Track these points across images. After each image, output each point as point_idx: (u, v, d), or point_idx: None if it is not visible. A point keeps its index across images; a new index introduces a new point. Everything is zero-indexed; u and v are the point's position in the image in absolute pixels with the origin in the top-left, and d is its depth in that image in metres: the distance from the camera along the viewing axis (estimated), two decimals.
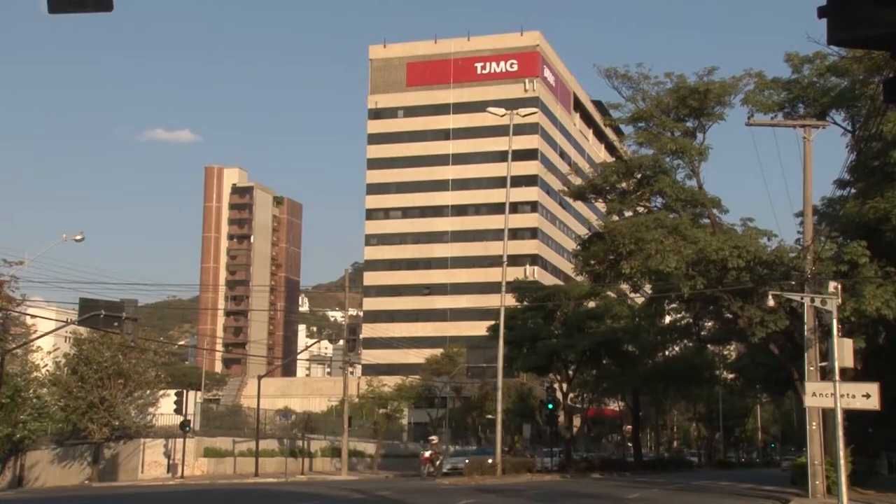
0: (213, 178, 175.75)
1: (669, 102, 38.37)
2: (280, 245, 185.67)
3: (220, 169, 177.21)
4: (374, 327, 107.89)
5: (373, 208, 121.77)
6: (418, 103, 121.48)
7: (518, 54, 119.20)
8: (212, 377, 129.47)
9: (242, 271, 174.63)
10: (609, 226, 39.17)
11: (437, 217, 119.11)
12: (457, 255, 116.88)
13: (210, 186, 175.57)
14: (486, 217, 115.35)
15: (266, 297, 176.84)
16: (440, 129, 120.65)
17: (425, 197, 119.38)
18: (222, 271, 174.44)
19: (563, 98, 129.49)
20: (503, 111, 45.35)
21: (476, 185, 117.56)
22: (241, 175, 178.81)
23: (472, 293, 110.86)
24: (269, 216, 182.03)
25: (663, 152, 38.00)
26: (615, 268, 38.03)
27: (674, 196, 37.68)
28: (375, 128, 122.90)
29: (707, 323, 49.08)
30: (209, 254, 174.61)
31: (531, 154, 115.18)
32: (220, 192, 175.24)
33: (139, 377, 42.01)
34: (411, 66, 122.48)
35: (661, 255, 33.78)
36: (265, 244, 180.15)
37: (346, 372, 51.94)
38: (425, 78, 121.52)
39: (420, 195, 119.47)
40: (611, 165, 42.31)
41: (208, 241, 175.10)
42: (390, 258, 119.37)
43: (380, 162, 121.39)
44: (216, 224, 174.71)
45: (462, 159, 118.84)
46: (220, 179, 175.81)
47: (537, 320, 56.57)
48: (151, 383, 42.98)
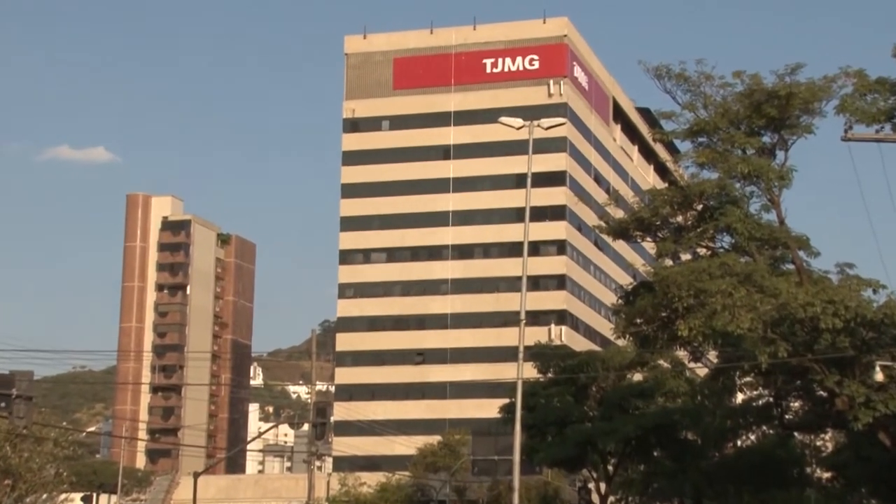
0: (136, 209, 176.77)
1: (740, 110, 38.70)
2: (226, 298, 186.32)
3: (147, 198, 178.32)
4: (349, 407, 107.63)
5: (349, 249, 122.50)
6: (409, 111, 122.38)
7: (540, 48, 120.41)
8: (132, 475, 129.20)
9: (175, 333, 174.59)
10: (660, 273, 39.25)
11: (434, 260, 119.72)
12: (459, 312, 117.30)
13: (133, 220, 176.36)
14: (498, 261, 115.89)
15: (206, 368, 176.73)
16: (437, 146, 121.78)
17: (418, 234, 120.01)
18: (148, 333, 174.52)
19: (598, 105, 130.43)
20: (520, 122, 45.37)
21: (485, 218, 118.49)
22: (175, 206, 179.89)
23: (480, 361, 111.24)
24: (212, 260, 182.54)
25: (732, 176, 38.33)
26: (669, 329, 38.19)
27: (746, 234, 37.93)
28: (352, 143, 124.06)
29: (793, 403, 49.07)
30: (130, 310, 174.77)
31: (557, 178, 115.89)
32: (147, 229, 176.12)
33: (33, 476, 41.77)
34: (400, 64, 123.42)
35: (731, 313, 33.94)
36: (206, 297, 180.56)
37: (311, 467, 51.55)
38: (418, 78, 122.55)
39: (411, 232, 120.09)
40: (662, 193, 42.74)
41: (129, 292, 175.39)
42: (371, 315, 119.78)
43: (358, 188, 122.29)
44: (140, 270, 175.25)
45: (466, 185, 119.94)
46: (147, 211, 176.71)
47: (566, 398, 56.43)
48: (50, 484, 42.73)
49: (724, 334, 35.19)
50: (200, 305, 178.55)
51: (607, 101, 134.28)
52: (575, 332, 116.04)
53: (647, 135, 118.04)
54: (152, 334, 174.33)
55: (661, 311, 38.40)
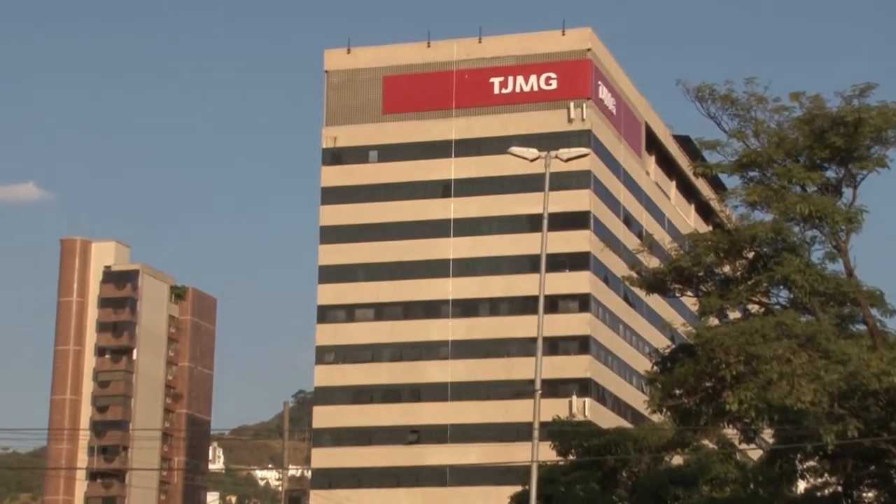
0: (73, 257, 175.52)
1: (799, 139, 38.87)
2: (180, 364, 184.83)
3: (86, 243, 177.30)
4: (329, 496, 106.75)
5: (328, 305, 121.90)
6: (401, 139, 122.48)
7: (558, 64, 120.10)
8: None
9: (118, 407, 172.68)
10: (704, 334, 39.07)
11: (431, 318, 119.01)
12: (461, 381, 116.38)
13: (68, 271, 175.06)
14: (508, 319, 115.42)
15: (156, 449, 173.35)
16: (436, 181, 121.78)
17: (412, 287, 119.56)
18: (85, 407, 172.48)
19: (629, 132, 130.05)
20: (535, 153, 46.10)
21: (492, 268, 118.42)
22: (120, 253, 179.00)
23: (486, 440, 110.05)
24: (164, 318, 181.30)
25: (790, 218, 38.38)
26: (714, 402, 38.18)
27: (807, 287, 37.90)
28: (333, 178, 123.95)
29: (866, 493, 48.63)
30: (64, 379, 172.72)
31: (579, 220, 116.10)
32: (85, 280, 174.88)
33: None
34: (390, 83, 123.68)
35: (789, 383, 33.96)
36: (156, 363, 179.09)
37: None
38: (412, 101, 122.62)
39: (404, 284, 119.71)
40: (705, 238, 42.77)
41: (63, 357, 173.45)
42: (355, 384, 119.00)
43: (340, 232, 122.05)
44: (77, 331, 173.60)
45: (470, 227, 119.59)
46: (86, 260, 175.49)
47: (591, 485, 56.32)
48: None
49: (782, 409, 35.08)
50: (149, 373, 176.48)
51: (639, 128, 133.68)
52: (601, 406, 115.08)
53: (688, 168, 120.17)
54: (90, 408, 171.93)
55: (706, 381, 38.32)
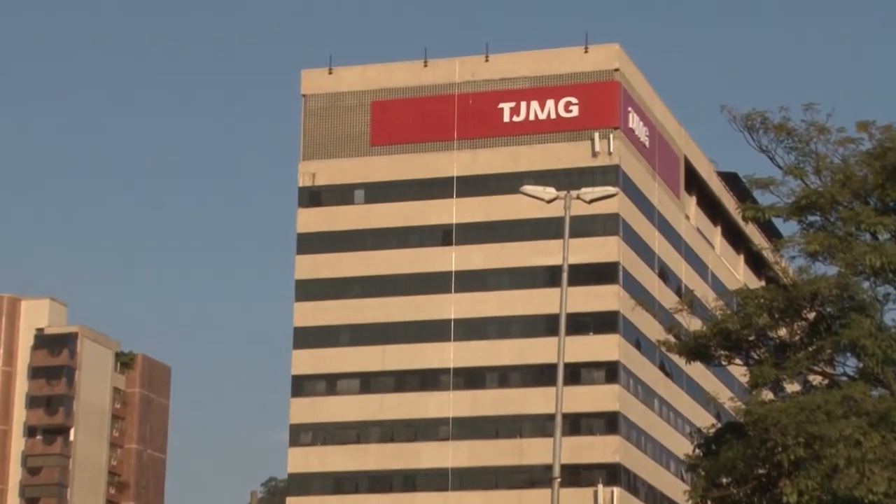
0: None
1: (868, 177, 39.00)
2: (127, 446, 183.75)
3: (15, 301, 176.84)
4: None
5: (305, 375, 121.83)
6: (392, 177, 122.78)
7: (581, 87, 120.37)
8: None
9: (52, 497, 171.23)
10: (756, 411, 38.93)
11: (428, 391, 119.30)
12: (463, 466, 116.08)
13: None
14: (521, 392, 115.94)
15: None
16: (434, 227, 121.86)
17: (405, 353, 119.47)
18: (12, 497, 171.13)
19: (665, 168, 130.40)
20: (552, 192, 45.87)
21: (501, 330, 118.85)
22: (56, 313, 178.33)
23: None
24: (108, 390, 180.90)
25: (858, 271, 38.48)
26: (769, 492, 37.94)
27: (880, 355, 37.82)
28: (312, 222, 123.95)
29: None
30: None
31: (606, 273, 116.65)
32: (13, 346, 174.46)
33: None
34: (380, 109, 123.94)
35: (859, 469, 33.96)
36: (97, 444, 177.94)
37: None
38: (406, 130, 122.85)
39: (395, 349, 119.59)
40: (757, 295, 42.57)
41: None
42: (337, 471, 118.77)
43: (319, 286, 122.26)
44: (3, 406, 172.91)
45: (475, 281, 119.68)
46: (14, 320, 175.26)
47: None
48: None
49: (851, 501, 34.86)
50: (89, 457, 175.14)
51: (677, 163, 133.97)
52: (633, 496, 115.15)
53: (735, 211, 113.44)
54: (18, 499, 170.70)
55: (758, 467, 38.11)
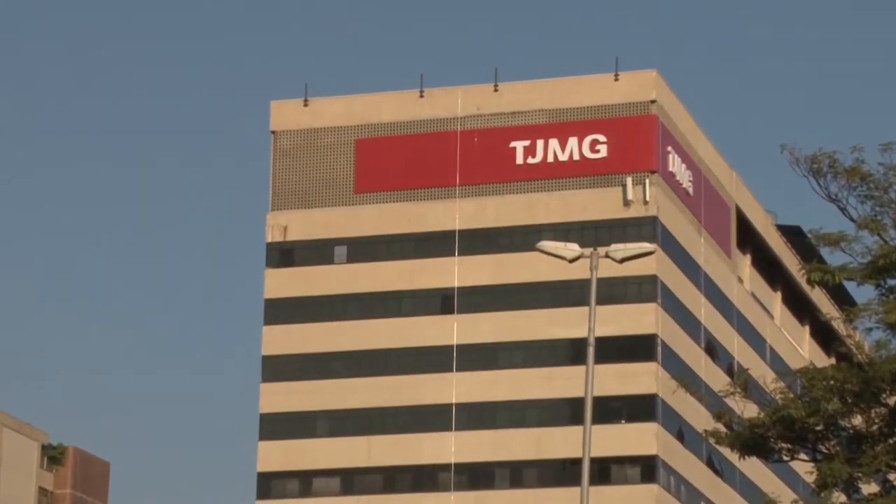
0: None
1: None
2: None
3: None
4: None
5: (274, 472, 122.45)
6: (380, 230, 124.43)
7: (610, 122, 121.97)
8: None
9: None
10: None
11: (424, 491, 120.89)
12: None
13: None
14: (537, 493, 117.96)
15: None
16: (431, 291, 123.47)
17: (396, 445, 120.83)
18: None
19: (712, 221, 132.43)
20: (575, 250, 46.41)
21: (514, 418, 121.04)
22: None
23: None
24: (33, 490, 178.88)
25: None
26: None
27: None
28: (282, 285, 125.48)
29: None
30: None
31: (642, 348, 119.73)
32: None
33: None
34: (365, 149, 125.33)
35: None
36: None
37: None
38: (396, 174, 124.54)
39: (384, 441, 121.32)
40: (826, 376, 42.81)
41: None
42: None
43: (291, 364, 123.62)
44: None
45: (481, 358, 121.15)
46: None
47: None
48: None
49: None
50: None
51: (727, 215, 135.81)
52: None
53: (799, 273, 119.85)
54: None
55: None
